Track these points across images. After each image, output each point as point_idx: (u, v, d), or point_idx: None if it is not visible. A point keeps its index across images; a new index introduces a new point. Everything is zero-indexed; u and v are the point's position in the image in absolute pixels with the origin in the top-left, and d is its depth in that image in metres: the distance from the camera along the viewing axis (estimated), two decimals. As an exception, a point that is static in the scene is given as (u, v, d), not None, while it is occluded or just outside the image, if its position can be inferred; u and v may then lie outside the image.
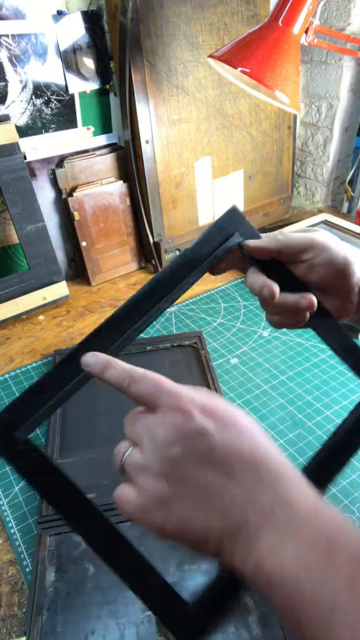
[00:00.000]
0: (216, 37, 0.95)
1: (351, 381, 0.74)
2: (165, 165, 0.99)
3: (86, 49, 0.90)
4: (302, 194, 1.36)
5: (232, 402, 0.71)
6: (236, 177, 1.11)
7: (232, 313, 0.91)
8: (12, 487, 0.62)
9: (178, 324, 0.89)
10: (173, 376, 0.79)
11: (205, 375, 0.74)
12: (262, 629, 0.45)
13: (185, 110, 0.97)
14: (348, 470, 0.60)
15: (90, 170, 0.97)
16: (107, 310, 0.95)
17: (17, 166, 0.86)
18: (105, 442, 0.65)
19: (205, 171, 1.05)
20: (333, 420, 0.68)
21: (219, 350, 0.82)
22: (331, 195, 1.30)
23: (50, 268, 0.93)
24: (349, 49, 0.89)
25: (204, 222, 1.10)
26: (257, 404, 0.71)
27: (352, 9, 1.04)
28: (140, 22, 0.85)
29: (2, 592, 0.51)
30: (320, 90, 1.17)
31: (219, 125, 1.03)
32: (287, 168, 1.20)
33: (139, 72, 0.88)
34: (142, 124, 0.92)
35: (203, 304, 0.94)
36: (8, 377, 0.79)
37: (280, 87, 0.70)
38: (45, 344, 0.87)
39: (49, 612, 0.47)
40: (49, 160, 0.94)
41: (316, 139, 1.24)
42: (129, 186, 1.01)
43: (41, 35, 0.84)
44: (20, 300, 0.90)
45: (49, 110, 0.91)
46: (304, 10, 0.72)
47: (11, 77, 0.85)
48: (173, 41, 0.90)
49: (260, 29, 0.73)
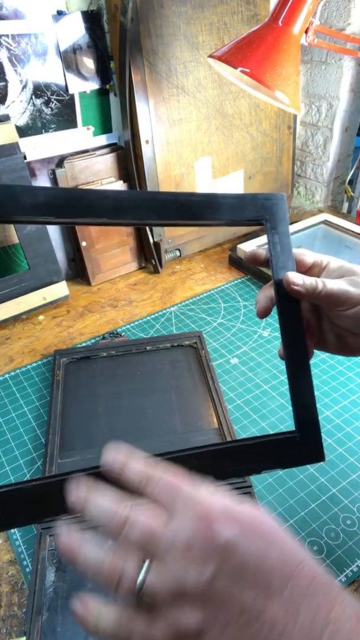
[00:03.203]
0: (216, 37, 0.95)
1: (351, 381, 0.74)
2: (165, 165, 0.99)
3: (86, 49, 0.90)
4: (302, 194, 1.36)
5: (232, 402, 0.71)
6: (236, 177, 1.11)
7: (232, 313, 0.91)
8: (12, 487, 0.62)
9: (178, 324, 0.89)
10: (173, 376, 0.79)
11: (205, 375, 0.74)
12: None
13: (185, 110, 0.97)
14: (348, 471, 0.60)
15: (90, 170, 0.97)
16: (107, 310, 0.95)
17: (17, 166, 0.86)
18: (105, 442, 0.64)
19: (205, 171, 1.05)
20: (333, 420, 0.68)
21: (219, 350, 0.82)
22: (331, 195, 1.30)
23: (50, 268, 0.93)
24: (349, 49, 0.89)
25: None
26: (257, 404, 0.71)
27: (352, 9, 1.04)
28: (140, 22, 0.85)
29: (2, 592, 0.51)
30: (320, 90, 1.17)
31: (219, 125, 1.03)
32: (287, 168, 1.20)
33: (139, 72, 0.88)
34: (142, 124, 0.92)
35: (203, 304, 0.94)
36: (8, 377, 0.79)
37: (280, 87, 0.70)
38: (45, 344, 0.87)
39: (49, 612, 0.47)
40: (49, 160, 0.94)
41: (316, 139, 1.24)
42: (129, 186, 1.01)
43: (41, 35, 0.84)
44: (20, 300, 0.90)
45: (49, 110, 0.91)
46: (304, 10, 0.72)
47: (11, 77, 0.85)
48: (173, 41, 0.90)
49: (260, 29, 0.73)
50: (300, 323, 0.40)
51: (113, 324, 0.91)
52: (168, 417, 0.68)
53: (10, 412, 0.73)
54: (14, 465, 0.64)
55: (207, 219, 0.40)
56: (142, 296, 0.99)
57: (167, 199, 0.39)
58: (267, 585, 0.23)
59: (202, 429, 0.65)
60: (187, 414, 0.68)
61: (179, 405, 0.70)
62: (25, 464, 0.64)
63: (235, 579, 0.23)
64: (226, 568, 0.23)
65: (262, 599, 0.23)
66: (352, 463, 0.61)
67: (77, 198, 0.38)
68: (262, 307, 0.41)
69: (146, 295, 0.99)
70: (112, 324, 0.91)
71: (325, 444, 0.64)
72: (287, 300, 0.40)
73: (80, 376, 0.76)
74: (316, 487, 0.59)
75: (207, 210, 0.40)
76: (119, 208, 0.38)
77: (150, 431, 0.66)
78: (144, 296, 0.99)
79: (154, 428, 0.66)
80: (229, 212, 0.41)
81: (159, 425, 0.67)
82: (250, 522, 0.25)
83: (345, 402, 0.70)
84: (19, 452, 0.66)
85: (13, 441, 0.68)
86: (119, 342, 0.82)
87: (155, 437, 0.65)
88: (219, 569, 0.23)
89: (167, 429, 0.66)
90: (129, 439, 0.65)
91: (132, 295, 0.99)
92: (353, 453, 0.63)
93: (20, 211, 0.36)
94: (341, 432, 0.66)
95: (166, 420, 0.67)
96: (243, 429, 0.67)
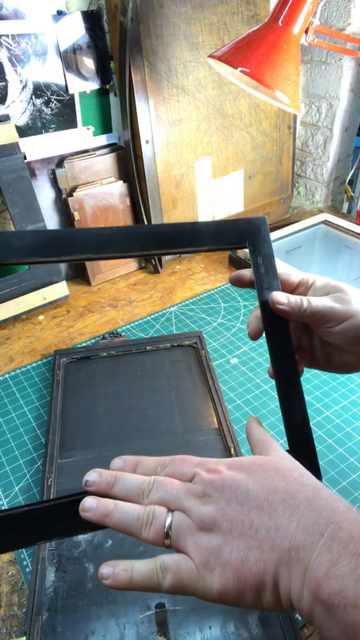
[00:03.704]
0: (216, 37, 0.95)
1: (351, 381, 0.74)
2: (165, 165, 0.99)
3: (86, 49, 0.90)
4: (302, 194, 1.36)
5: (232, 402, 0.71)
6: (236, 177, 1.11)
7: (232, 313, 0.91)
8: (12, 487, 0.62)
9: (178, 324, 0.89)
10: (173, 376, 0.79)
11: (205, 375, 0.74)
12: (262, 629, 0.45)
13: (185, 110, 0.97)
14: (348, 471, 0.60)
15: (90, 170, 0.97)
16: (107, 310, 0.95)
17: (17, 166, 0.86)
18: (105, 442, 0.65)
19: (205, 171, 1.05)
20: (333, 420, 0.68)
21: (219, 350, 0.82)
22: (331, 195, 1.30)
23: (50, 268, 0.93)
24: (349, 49, 0.89)
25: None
26: (257, 404, 0.71)
27: (352, 9, 1.04)
28: (140, 22, 0.85)
29: (2, 592, 0.51)
30: (320, 90, 1.17)
31: (219, 125, 1.03)
32: (287, 168, 1.20)
33: (139, 72, 0.88)
34: (142, 124, 0.92)
35: (203, 304, 0.94)
36: (8, 377, 0.79)
37: (280, 87, 0.70)
38: (45, 344, 0.87)
39: (49, 612, 0.47)
40: (49, 160, 0.94)
41: (316, 139, 1.24)
42: (129, 186, 1.01)
43: (41, 35, 0.84)
44: (20, 300, 0.90)
45: (49, 110, 0.91)
46: (304, 10, 0.72)
47: (11, 77, 0.85)
48: (173, 41, 0.90)
49: (260, 29, 0.73)
50: (288, 342, 0.40)
51: (113, 324, 0.91)
52: (168, 417, 0.68)
53: (10, 412, 0.73)
54: (14, 465, 0.64)
55: (190, 247, 0.41)
56: (142, 296, 0.99)
57: (148, 231, 0.41)
58: (270, 505, 0.28)
59: (202, 429, 0.65)
60: (187, 414, 0.68)
61: (179, 405, 0.70)
62: (25, 464, 0.64)
63: (242, 504, 0.29)
64: (234, 498, 0.29)
65: (266, 513, 0.28)
66: (352, 463, 0.61)
67: (62, 238, 0.40)
68: (253, 328, 0.42)
69: (146, 295, 0.99)
70: (112, 324, 0.91)
71: (325, 444, 0.64)
72: (274, 320, 0.40)
73: (80, 376, 0.76)
74: (316, 487, 0.59)
75: (189, 239, 0.41)
76: (101, 244, 0.40)
77: (150, 431, 0.66)
78: (144, 296, 0.99)
79: (154, 428, 0.66)
80: (211, 239, 0.42)
81: (159, 425, 0.67)
82: (249, 464, 0.31)
83: (345, 402, 0.70)
84: (19, 452, 0.66)
85: (13, 441, 0.68)
86: (119, 342, 0.82)
87: (155, 437, 0.65)
88: (228, 501, 0.29)
89: (167, 429, 0.66)
90: (129, 439, 0.65)
91: (132, 295, 0.99)
92: (353, 453, 0.63)
93: (8, 255, 0.38)
94: (341, 432, 0.66)
95: (166, 420, 0.67)
96: (243, 429, 0.67)
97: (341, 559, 0.25)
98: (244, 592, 0.27)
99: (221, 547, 0.28)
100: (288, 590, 0.26)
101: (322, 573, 0.25)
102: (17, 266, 0.98)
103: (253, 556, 0.27)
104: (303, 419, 0.38)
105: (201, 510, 0.29)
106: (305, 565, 0.25)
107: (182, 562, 0.28)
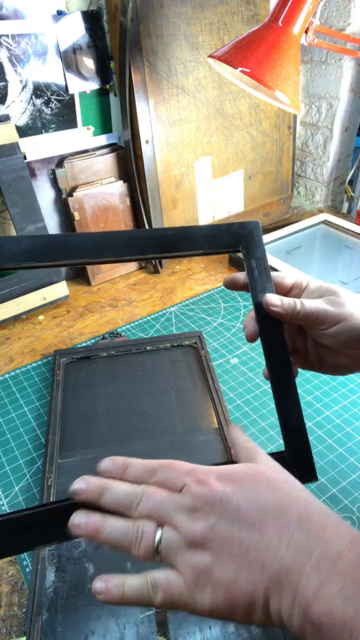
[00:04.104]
0: (216, 37, 0.95)
1: (351, 381, 0.74)
2: (165, 165, 0.99)
3: (86, 49, 0.90)
4: (302, 194, 1.36)
5: (232, 402, 0.71)
6: (236, 177, 1.11)
7: (232, 313, 0.91)
8: (12, 487, 0.62)
9: (178, 324, 0.89)
10: (173, 376, 0.79)
11: (205, 375, 0.74)
12: (262, 629, 0.45)
13: (185, 110, 0.97)
14: (348, 471, 0.60)
15: (90, 170, 0.97)
16: (107, 310, 0.95)
17: (17, 166, 0.86)
18: (105, 442, 0.65)
19: (205, 171, 1.05)
20: (333, 420, 0.68)
21: (219, 350, 0.82)
22: (331, 195, 1.30)
23: (50, 268, 0.93)
24: (349, 49, 0.89)
25: (204, 222, 1.10)
26: (257, 404, 0.71)
27: (352, 9, 1.04)
28: (140, 22, 0.85)
29: (2, 592, 0.51)
30: (320, 90, 1.17)
31: (219, 125, 1.03)
32: (287, 168, 1.20)
33: (139, 72, 0.88)
34: (142, 124, 0.92)
35: (203, 304, 0.94)
36: (8, 377, 0.79)
37: (280, 87, 0.70)
38: (45, 344, 0.87)
39: (49, 612, 0.47)
40: (49, 160, 0.94)
41: (316, 139, 1.24)
42: (129, 186, 1.01)
43: (41, 35, 0.84)
44: (20, 300, 0.90)
45: (49, 110, 0.91)
46: (304, 10, 0.72)
47: (11, 77, 0.85)
48: (173, 41, 0.90)
49: (260, 29, 0.73)
50: (283, 343, 0.40)
51: (113, 324, 0.91)
52: (168, 417, 0.68)
53: (10, 412, 0.73)
54: (14, 465, 0.64)
55: (185, 251, 0.42)
56: (142, 296, 0.99)
57: (144, 236, 0.42)
58: (261, 522, 0.28)
59: (202, 429, 0.65)
60: (187, 414, 0.68)
61: (179, 405, 0.70)
62: (25, 464, 0.64)
63: (233, 521, 0.28)
64: (224, 515, 0.28)
65: (257, 531, 0.28)
66: (352, 463, 0.61)
67: (59, 243, 0.40)
68: (250, 331, 0.42)
69: (146, 295, 0.99)
70: (112, 324, 0.91)
71: (325, 444, 0.64)
72: (268, 322, 0.40)
73: (80, 376, 0.76)
74: (316, 487, 0.59)
75: (184, 243, 0.42)
76: (98, 248, 0.40)
77: (150, 431, 0.66)
78: (144, 296, 0.99)
79: (154, 428, 0.66)
80: (205, 243, 0.42)
81: (159, 425, 0.67)
82: (240, 478, 0.30)
83: (345, 402, 0.70)
84: (19, 452, 0.66)
85: (13, 441, 0.68)
86: (119, 342, 0.82)
87: (155, 437, 0.65)
88: (219, 517, 0.28)
89: (167, 429, 0.66)
90: (129, 439, 0.65)
91: (132, 295, 0.99)
92: (353, 453, 0.63)
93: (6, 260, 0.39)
94: (341, 432, 0.66)
95: (166, 420, 0.67)
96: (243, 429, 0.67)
97: (329, 579, 0.25)
98: (234, 610, 0.27)
99: (211, 567, 0.27)
100: (278, 609, 0.26)
101: (312, 593, 0.25)
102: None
103: (244, 576, 0.27)
104: (298, 419, 0.39)
105: (190, 526, 0.28)
106: (294, 586, 0.26)
107: (173, 579, 0.28)
